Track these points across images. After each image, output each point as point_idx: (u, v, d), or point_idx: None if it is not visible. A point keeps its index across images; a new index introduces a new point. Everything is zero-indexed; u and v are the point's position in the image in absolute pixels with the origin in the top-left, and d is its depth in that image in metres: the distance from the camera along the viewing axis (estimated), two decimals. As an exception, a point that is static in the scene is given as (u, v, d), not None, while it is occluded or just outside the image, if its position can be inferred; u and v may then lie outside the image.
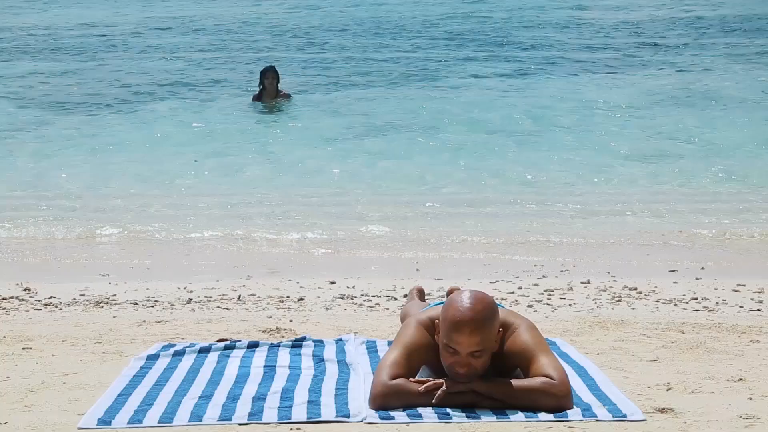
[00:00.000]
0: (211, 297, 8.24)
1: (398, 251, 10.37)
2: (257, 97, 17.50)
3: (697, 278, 8.89)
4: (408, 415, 4.82)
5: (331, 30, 25.70)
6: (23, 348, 6.29)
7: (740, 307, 7.79)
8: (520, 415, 4.82)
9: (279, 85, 17.45)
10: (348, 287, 8.58)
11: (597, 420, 4.80)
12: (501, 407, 4.89)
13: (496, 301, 5.23)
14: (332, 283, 8.76)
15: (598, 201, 12.15)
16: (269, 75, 17.37)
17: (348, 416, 4.86)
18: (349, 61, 21.74)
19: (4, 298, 8.22)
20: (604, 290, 8.39)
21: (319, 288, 8.56)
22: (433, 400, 4.89)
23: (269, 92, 17.37)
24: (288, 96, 17.57)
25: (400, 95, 18.50)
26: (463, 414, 4.83)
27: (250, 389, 5.28)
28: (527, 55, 22.16)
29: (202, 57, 22.62)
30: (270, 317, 7.32)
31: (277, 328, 6.86)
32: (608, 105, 17.31)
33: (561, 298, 8.13)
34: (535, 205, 12.05)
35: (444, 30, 25.24)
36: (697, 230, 10.92)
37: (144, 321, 7.16)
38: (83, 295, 8.33)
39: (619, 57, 21.85)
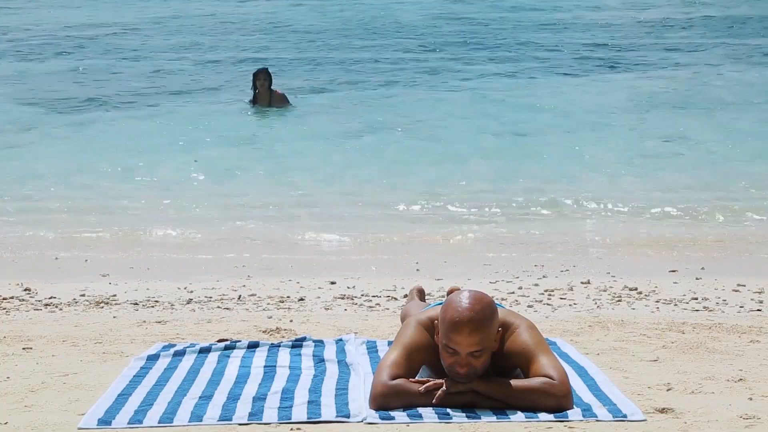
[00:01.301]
0: (211, 297, 8.23)
1: (398, 251, 10.37)
2: (253, 101, 17.48)
3: (697, 278, 8.89)
4: (408, 415, 4.82)
5: (328, 31, 25.70)
6: (23, 348, 6.29)
7: (740, 307, 7.79)
8: (520, 415, 4.82)
9: (272, 86, 17.43)
10: (348, 287, 8.58)
11: (597, 420, 4.80)
12: (501, 407, 4.89)
13: (496, 301, 5.23)
14: (332, 283, 8.76)
15: (597, 201, 12.15)
16: (260, 76, 17.36)
17: (348, 416, 4.86)
18: (344, 62, 21.74)
19: (4, 298, 8.22)
20: (604, 290, 8.39)
21: (319, 288, 8.56)
22: (433, 400, 4.89)
23: (262, 94, 17.35)
24: (284, 96, 17.53)
25: (397, 96, 18.50)
26: (463, 414, 4.83)
27: (251, 389, 5.28)
28: (524, 56, 22.16)
29: (199, 57, 22.61)
30: (270, 317, 7.32)
31: (277, 328, 6.86)
32: (607, 106, 17.30)
33: (561, 298, 8.13)
34: (534, 205, 12.05)
35: (439, 31, 25.24)
36: (697, 230, 10.92)
37: (144, 321, 7.16)
38: (83, 295, 8.32)
39: (618, 58, 21.85)
